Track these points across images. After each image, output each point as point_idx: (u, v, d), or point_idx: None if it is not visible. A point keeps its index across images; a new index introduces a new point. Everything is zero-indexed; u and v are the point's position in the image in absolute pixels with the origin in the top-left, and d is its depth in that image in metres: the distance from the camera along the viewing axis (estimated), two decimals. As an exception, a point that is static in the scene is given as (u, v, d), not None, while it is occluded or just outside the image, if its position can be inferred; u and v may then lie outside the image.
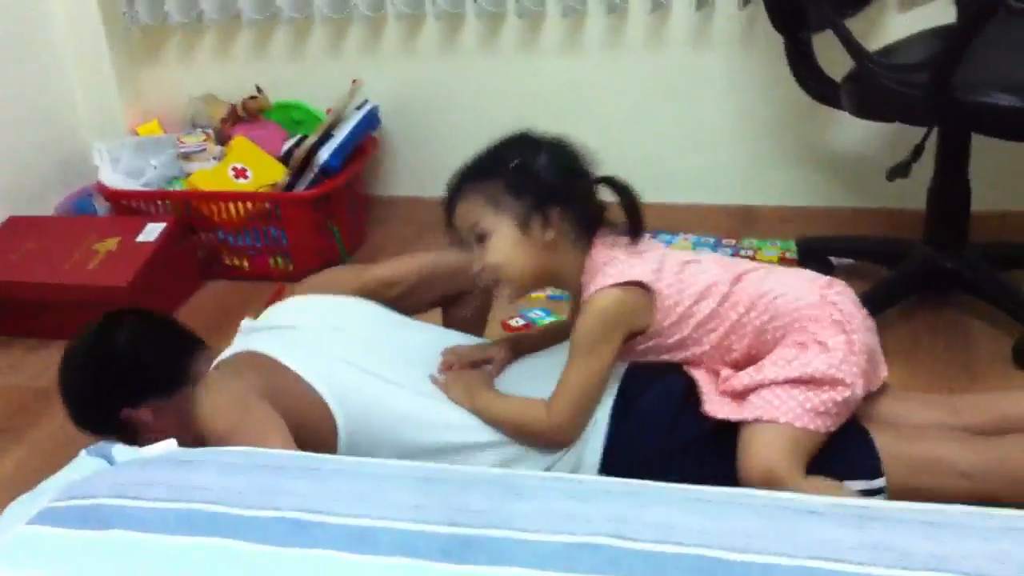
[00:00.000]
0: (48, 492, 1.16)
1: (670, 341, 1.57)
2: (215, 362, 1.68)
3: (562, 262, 1.56)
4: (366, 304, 1.82)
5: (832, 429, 1.48)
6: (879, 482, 1.48)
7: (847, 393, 1.47)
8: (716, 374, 1.57)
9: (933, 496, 1.44)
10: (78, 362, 1.80)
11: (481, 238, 1.54)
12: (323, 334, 1.70)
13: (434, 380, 1.65)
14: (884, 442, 1.51)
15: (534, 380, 1.63)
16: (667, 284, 1.53)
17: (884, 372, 1.60)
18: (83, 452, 1.26)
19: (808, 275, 1.61)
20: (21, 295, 2.63)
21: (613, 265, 1.52)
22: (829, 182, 2.78)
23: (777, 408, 1.46)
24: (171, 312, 2.70)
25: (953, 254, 2.25)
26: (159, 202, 2.83)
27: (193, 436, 1.57)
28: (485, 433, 1.59)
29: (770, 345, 1.53)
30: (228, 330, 2.55)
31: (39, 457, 2.13)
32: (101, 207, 2.93)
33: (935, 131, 2.21)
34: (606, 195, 1.59)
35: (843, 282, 1.59)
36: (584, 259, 1.55)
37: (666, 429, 1.55)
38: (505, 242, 1.53)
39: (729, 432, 1.49)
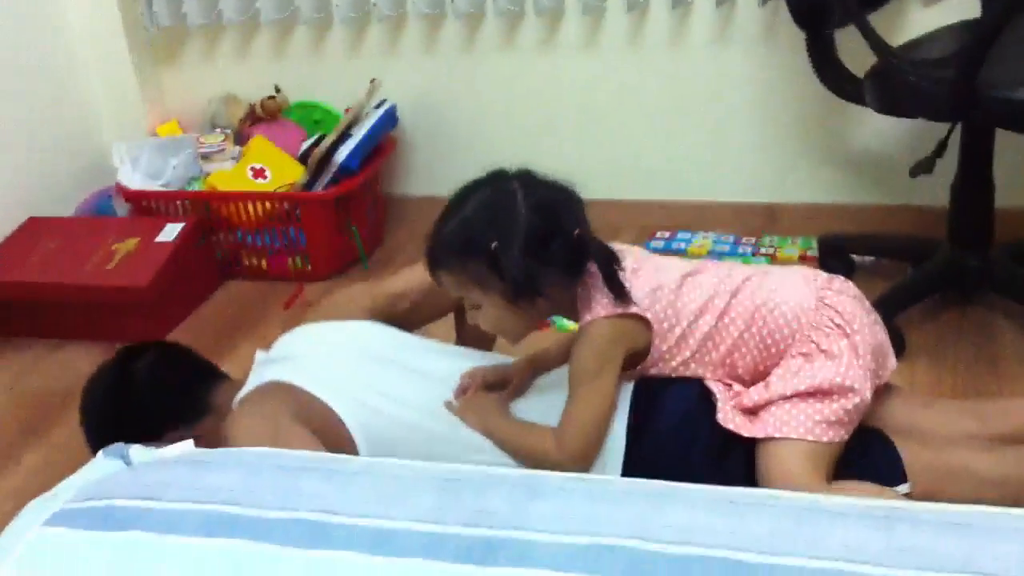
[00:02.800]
0: (65, 493, 1.15)
1: (673, 364, 1.55)
2: (237, 398, 1.68)
3: (557, 308, 1.55)
4: (381, 329, 1.81)
5: (846, 437, 1.46)
6: (903, 488, 1.46)
7: (856, 400, 1.45)
8: (727, 388, 1.56)
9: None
10: (98, 396, 1.81)
11: (472, 304, 1.54)
12: (340, 360, 1.70)
13: (448, 406, 1.64)
14: (909, 451, 1.49)
15: (552, 403, 1.60)
16: (664, 306, 1.51)
17: (893, 363, 1.56)
18: (100, 453, 1.25)
19: (805, 274, 1.56)
20: (42, 296, 2.63)
21: (605, 295, 1.49)
22: (851, 179, 2.75)
23: (788, 424, 1.45)
24: (190, 312, 2.71)
25: (977, 252, 2.23)
26: (178, 202, 2.83)
27: None
28: (502, 459, 1.58)
29: (775, 358, 1.51)
30: (247, 330, 2.57)
31: (60, 458, 2.13)
32: (121, 208, 2.94)
33: (959, 127, 2.19)
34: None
35: (841, 277, 1.56)
36: (573, 296, 1.52)
37: (684, 441, 1.53)
38: (496, 313, 1.52)
39: (748, 441, 1.48)
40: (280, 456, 1.19)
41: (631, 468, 1.53)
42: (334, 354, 1.72)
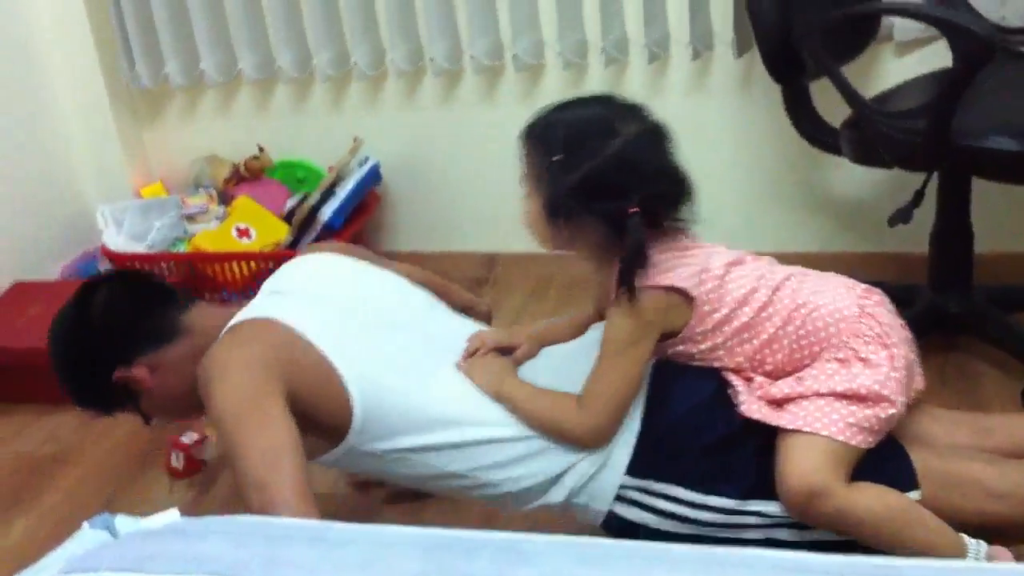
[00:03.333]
0: (51, 566, 1.15)
1: (701, 348, 1.53)
2: (235, 320, 1.64)
3: (585, 251, 1.53)
4: (394, 279, 1.80)
5: (872, 445, 1.46)
6: (914, 495, 1.46)
7: (892, 411, 1.45)
8: (749, 380, 1.54)
9: (966, 516, 1.45)
10: (61, 335, 1.78)
11: (526, 191, 1.53)
12: (348, 308, 1.68)
13: (459, 367, 1.62)
14: (920, 459, 1.50)
15: (557, 374, 1.60)
16: (708, 290, 1.50)
17: (920, 382, 1.56)
18: (85, 524, 1.24)
19: (845, 282, 1.56)
20: (27, 361, 2.61)
21: (654, 266, 1.48)
22: (831, 227, 2.78)
23: (820, 420, 1.43)
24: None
25: (958, 297, 2.25)
26: (163, 264, 2.84)
27: (191, 397, 1.59)
28: (509, 428, 1.57)
29: (807, 358, 1.50)
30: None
31: (50, 522, 2.13)
32: (106, 270, 2.94)
33: (936, 175, 2.21)
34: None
35: (879, 290, 1.56)
36: (611, 256, 1.49)
37: (696, 428, 1.53)
38: (534, 213, 1.51)
39: (760, 435, 1.48)
40: (267, 525, 1.19)
41: (638, 451, 1.53)
42: (346, 303, 1.70)
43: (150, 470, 2.31)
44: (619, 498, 1.55)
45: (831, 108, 2.22)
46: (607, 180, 1.45)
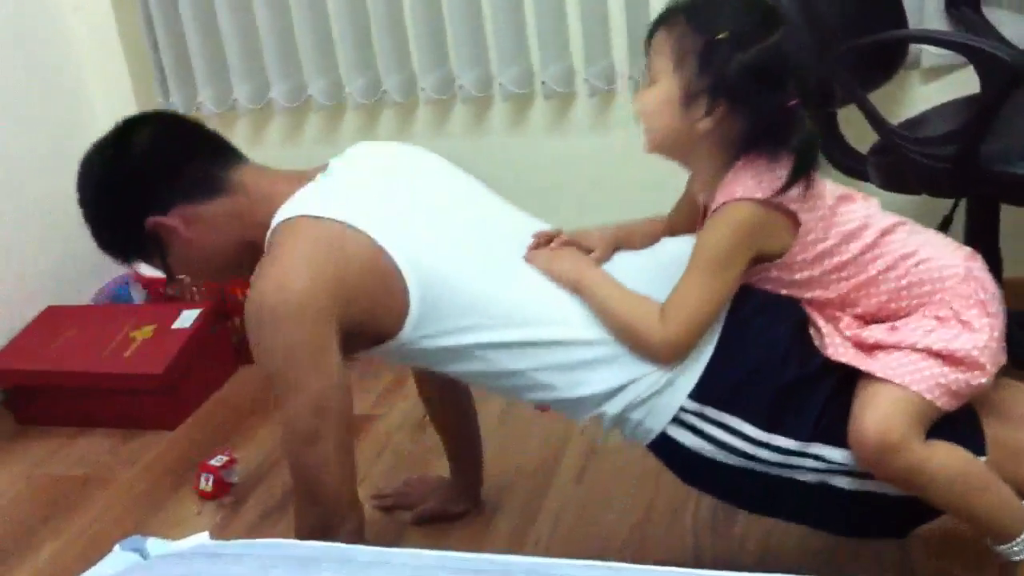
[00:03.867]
0: (83, 589, 1.16)
1: (795, 277, 1.48)
2: (287, 214, 1.56)
3: (705, 153, 1.45)
4: (457, 171, 1.78)
5: (954, 409, 1.43)
6: (981, 460, 1.44)
7: (983, 379, 1.42)
8: (836, 317, 1.49)
9: None
10: (96, 167, 1.66)
11: (651, 80, 1.45)
12: (412, 202, 1.64)
13: (531, 255, 1.56)
14: (989, 425, 1.47)
15: (632, 283, 1.53)
16: (817, 216, 1.43)
17: (1004, 357, 1.49)
18: (117, 547, 1.26)
19: (951, 242, 1.52)
20: (60, 383, 2.66)
21: (762, 178, 1.40)
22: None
23: (911, 374, 1.40)
24: (207, 397, 2.73)
25: (987, 324, 2.23)
26: (194, 288, 2.87)
27: (225, 258, 1.59)
28: (583, 330, 1.51)
29: (903, 311, 1.46)
30: (263, 416, 2.58)
31: (75, 547, 2.15)
32: (138, 294, 2.98)
33: (964, 201, 2.21)
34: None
35: (982, 258, 1.51)
36: (730, 161, 1.43)
37: (770, 364, 1.48)
38: (661, 100, 1.43)
39: (835, 377, 1.45)
40: (296, 547, 1.20)
41: (707, 376, 1.48)
42: (409, 197, 1.65)
43: (179, 492, 2.33)
44: (676, 420, 1.50)
45: (858, 134, 2.22)
46: (773, 67, 1.38)
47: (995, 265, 2.23)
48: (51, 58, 3.01)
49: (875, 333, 1.46)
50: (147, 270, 2.88)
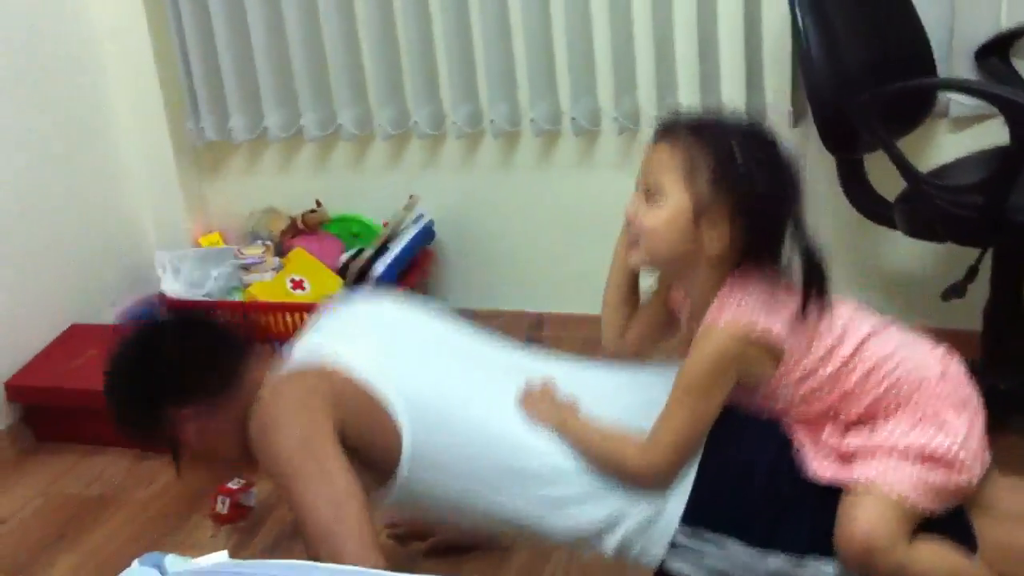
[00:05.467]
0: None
1: (778, 403, 1.50)
2: (284, 371, 1.61)
3: (703, 272, 1.46)
4: (439, 313, 1.79)
5: (938, 512, 1.43)
6: (974, 558, 1.43)
7: (966, 478, 1.42)
8: (817, 430, 1.50)
9: None
10: (127, 355, 1.73)
11: (653, 194, 1.43)
12: (395, 337, 1.67)
13: (518, 397, 1.57)
14: (981, 524, 1.47)
15: (611, 405, 1.56)
16: (795, 342, 1.45)
17: (988, 457, 1.50)
18: (135, 562, 1.26)
19: (927, 343, 1.52)
20: (81, 402, 2.66)
21: (752, 304, 1.42)
22: (882, 301, 2.76)
23: (893, 476, 1.40)
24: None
25: (1010, 374, 2.23)
26: (218, 312, 2.88)
27: (239, 449, 1.58)
28: (567, 460, 1.52)
29: (882, 413, 1.46)
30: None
31: (94, 562, 2.15)
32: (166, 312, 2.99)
33: (990, 251, 2.21)
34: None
35: (957, 354, 1.51)
36: (723, 278, 1.45)
37: (757, 485, 1.49)
38: (670, 217, 1.42)
39: (822, 489, 1.45)
40: (313, 569, 1.20)
41: (694, 498, 1.49)
42: (401, 341, 1.67)
43: (195, 514, 2.33)
44: (674, 546, 1.50)
45: (885, 180, 2.22)
46: (787, 183, 1.43)
47: (1019, 316, 2.22)
48: (85, 83, 3.04)
49: (854, 440, 1.47)
50: (171, 291, 2.93)
